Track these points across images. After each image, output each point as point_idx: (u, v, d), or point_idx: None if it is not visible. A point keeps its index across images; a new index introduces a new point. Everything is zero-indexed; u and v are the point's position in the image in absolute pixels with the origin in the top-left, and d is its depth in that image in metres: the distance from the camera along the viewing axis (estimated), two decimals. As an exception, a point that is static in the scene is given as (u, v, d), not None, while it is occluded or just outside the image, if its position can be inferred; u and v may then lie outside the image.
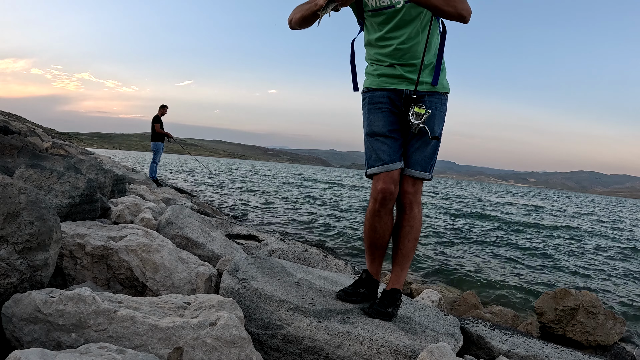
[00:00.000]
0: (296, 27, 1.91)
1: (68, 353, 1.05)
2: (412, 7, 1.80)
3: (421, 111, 1.81)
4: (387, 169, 1.86)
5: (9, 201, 1.45)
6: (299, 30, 1.94)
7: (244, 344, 1.34)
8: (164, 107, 10.34)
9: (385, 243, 2.00)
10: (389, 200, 1.88)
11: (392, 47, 1.87)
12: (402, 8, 1.81)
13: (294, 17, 1.89)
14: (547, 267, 7.40)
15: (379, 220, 1.92)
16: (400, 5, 1.81)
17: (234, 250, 2.96)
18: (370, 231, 1.97)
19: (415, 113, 1.81)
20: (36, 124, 36.01)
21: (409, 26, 1.84)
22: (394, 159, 1.87)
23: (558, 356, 2.02)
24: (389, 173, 1.86)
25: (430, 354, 1.50)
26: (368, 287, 2.02)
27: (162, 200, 5.78)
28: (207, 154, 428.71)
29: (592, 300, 3.87)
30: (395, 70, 1.89)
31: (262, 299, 1.77)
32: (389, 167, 1.86)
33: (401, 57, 1.87)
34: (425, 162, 1.91)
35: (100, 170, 3.49)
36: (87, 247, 1.94)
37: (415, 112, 1.81)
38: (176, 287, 2.00)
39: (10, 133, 6.68)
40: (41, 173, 2.39)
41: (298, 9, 1.88)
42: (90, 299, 1.29)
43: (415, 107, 1.82)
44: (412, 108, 1.83)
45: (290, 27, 1.94)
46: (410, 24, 1.84)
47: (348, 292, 2.00)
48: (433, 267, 6.57)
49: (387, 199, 1.87)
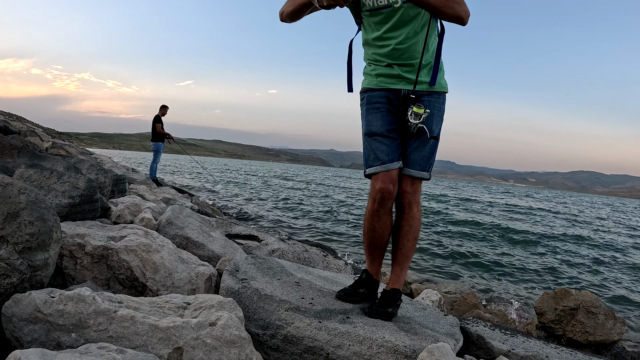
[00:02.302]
0: (287, 19, 1.92)
1: (68, 353, 1.05)
2: (410, 7, 1.80)
3: (420, 111, 1.80)
4: (386, 169, 1.85)
5: (9, 201, 1.45)
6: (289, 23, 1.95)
7: (244, 344, 1.34)
8: (165, 108, 10.35)
9: (384, 243, 2.00)
10: (388, 199, 1.87)
11: (390, 47, 1.86)
12: (400, 8, 1.80)
13: (286, 10, 1.90)
14: (548, 267, 7.40)
15: (378, 220, 1.91)
16: (398, 4, 1.80)
17: (234, 250, 2.96)
18: (370, 231, 1.97)
19: (414, 113, 1.80)
20: (36, 124, 36.00)
21: (407, 26, 1.83)
22: (392, 158, 1.86)
23: (558, 356, 2.02)
24: (387, 173, 1.85)
25: (430, 354, 1.50)
26: (368, 287, 2.01)
27: (162, 200, 5.79)
28: (207, 154, 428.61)
29: (592, 300, 3.87)
30: (393, 70, 1.89)
31: (262, 299, 1.77)
32: (388, 166, 1.85)
33: (399, 57, 1.87)
34: (424, 161, 1.91)
35: (100, 170, 3.49)
36: (87, 247, 1.94)
37: (414, 112, 1.80)
38: (176, 287, 2.00)
39: (10, 133, 6.67)
40: (41, 173, 2.39)
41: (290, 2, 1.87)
42: (90, 299, 1.29)
43: (414, 106, 1.81)
44: (410, 108, 1.82)
45: (280, 20, 1.95)
46: (409, 24, 1.83)
47: (348, 292, 1.99)
48: (433, 267, 6.57)
49: (386, 199, 1.87)
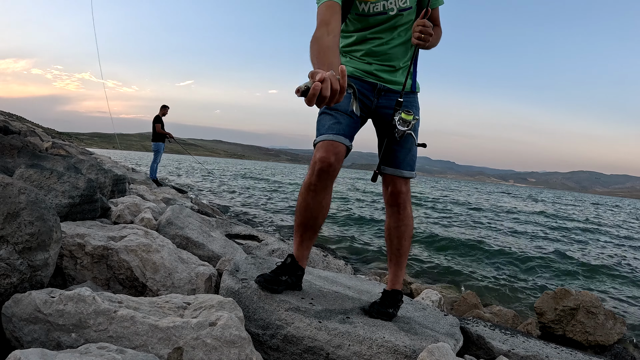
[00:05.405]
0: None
1: (68, 353, 1.05)
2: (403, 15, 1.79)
3: (408, 117, 1.72)
4: (333, 139, 1.70)
5: (9, 201, 1.45)
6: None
7: (244, 344, 1.34)
8: (165, 108, 10.35)
9: (317, 226, 1.85)
10: (326, 173, 1.70)
11: (371, 46, 1.85)
12: (395, 16, 1.79)
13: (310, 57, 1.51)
14: (548, 267, 7.40)
15: (313, 197, 1.75)
16: (394, 12, 1.78)
17: (234, 250, 2.96)
18: (302, 208, 1.80)
19: (402, 119, 1.72)
20: (36, 124, 36.00)
21: (394, 31, 1.83)
22: (345, 134, 1.73)
23: (558, 356, 2.02)
24: (332, 143, 1.69)
25: (430, 354, 1.50)
26: (292, 275, 1.85)
27: (162, 200, 5.78)
28: (207, 154, 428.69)
29: (592, 300, 3.87)
30: (371, 67, 1.86)
31: (262, 299, 1.77)
32: (337, 138, 1.70)
33: (379, 56, 1.85)
34: (413, 161, 1.89)
35: (100, 170, 3.49)
36: (87, 247, 1.94)
37: (402, 119, 1.72)
38: (176, 287, 2.00)
39: (10, 133, 6.68)
40: (41, 173, 2.39)
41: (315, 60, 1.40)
42: (90, 299, 1.29)
43: (403, 113, 1.73)
44: (398, 114, 1.73)
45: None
46: (396, 30, 1.83)
47: (268, 279, 1.79)
48: (433, 267, 6.57)
49: (325, 171, 1.69)
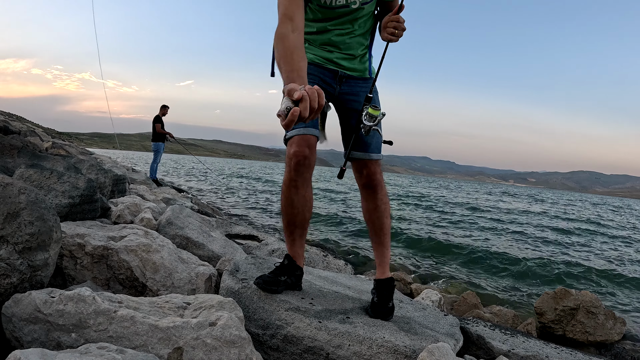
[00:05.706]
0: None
1: (68, 353, 1.05)
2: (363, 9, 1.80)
3: (375, 113, 1.69)
4: (304, 132, 1.73)
5: (9, 201, 1.45)
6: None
7: (244, 344, 1.34)
8: (165, 108, 10.36)
9: (305, 221, 1.86)
10: (303, 166, 1.73)
11: (331, 35, 1.86)
12: (357, 9, 1.80)
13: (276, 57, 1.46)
14: (548, 267, 7.40)
15: (295, 192, 1.78)
16: (356, 5, 1.79)
17: (234, 250, 2.96)
18: (287, 206, 1.82)
19: (369, 115, 1.69)
20: (36, 124, 36.02)
21: (355, 23, 1.84)
22: (313, 124, 1.75)
23: (558, 356, 2.02)
24: (304, 136, 1.73)
25: (430, 354, 1.50)
26: (291, 275, 1.86)
27: (162, 200, 5.78)
28: (207, 154, 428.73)
29: (592, 300, 3.87)
30: (331, 55, 1.88)
31: (262, 299, 1.77)
32: (306, 130, 1.73)
33: (339, 45, 1.87)
34: (379, 144, 1.91)
35: (100, 170, 3.49)
36: (87, 247, 1.94)
37: (369, 114, 1.69)
38: (176, 287, 2.00)
39: (10, 133, 6.67)
40: (41, 173, 2.39)
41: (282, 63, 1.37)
42: (90, 299, 1.29)
43: (370, 107, 1.70)
44: (365, 108, 1.71)
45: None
46: (357, 22, 1.84)
47: (268, 280, 1.79)
48: (433, 267, 6.57)
49: (301, 164, 1.72)
